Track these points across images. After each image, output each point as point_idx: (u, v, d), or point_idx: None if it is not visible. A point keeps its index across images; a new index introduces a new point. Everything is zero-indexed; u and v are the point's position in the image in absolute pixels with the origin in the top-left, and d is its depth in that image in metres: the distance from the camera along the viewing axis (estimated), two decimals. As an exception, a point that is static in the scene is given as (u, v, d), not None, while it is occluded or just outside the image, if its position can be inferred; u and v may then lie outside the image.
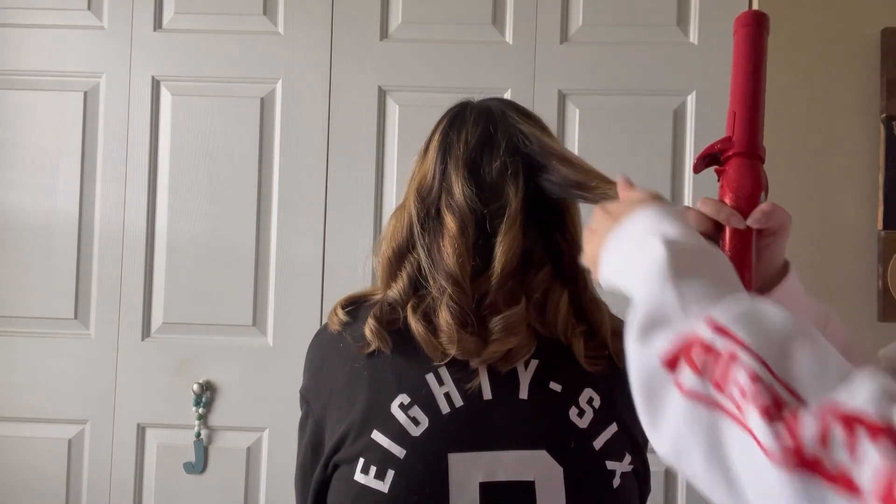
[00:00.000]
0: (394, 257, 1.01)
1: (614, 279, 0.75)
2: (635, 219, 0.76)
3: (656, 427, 0.63)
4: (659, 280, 0.67)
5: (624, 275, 0.73)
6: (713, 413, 0.58)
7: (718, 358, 0.60)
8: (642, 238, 0.73)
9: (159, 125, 1.93)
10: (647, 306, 0.67)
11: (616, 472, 0.96)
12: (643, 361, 0.64)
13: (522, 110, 1.07)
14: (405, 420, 0.93)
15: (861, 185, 1.78)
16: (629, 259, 0.73)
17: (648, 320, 0.66)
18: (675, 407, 0.61)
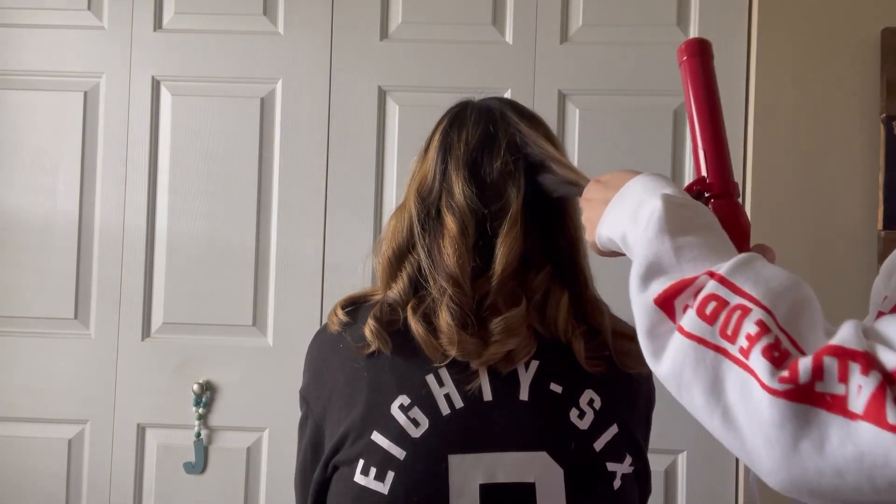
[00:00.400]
0: (394, 258, 1.01)
1: (612, 234, 0.81)
2: (634, 183, 0.81)
3: (658, 362, 0.69)
4: (656, 231, 0.73)
5: (622, 230, 0.78)
6: (717, 356, 0.64)
7: (724, 306, 0.66)
8: (641, 197, 0.78)
9: (159, 125, 1.92)
10: (645, 255, 0.73)
11: (617, 473, 0.96)
12: (643, 304, 0.71)
13: (522, 110, 1.07)
14: (405, 421, 0.93)
15: (861, 185, 1.78)
16: (628, 216, 0.78)
17: (646, 268, 0.72)
18: (677, 346, 0.67)
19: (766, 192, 1.79)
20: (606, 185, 0.86)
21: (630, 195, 0.80)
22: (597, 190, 0.87)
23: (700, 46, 0.91)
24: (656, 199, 0.76)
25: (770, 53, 1.80)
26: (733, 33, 1.84)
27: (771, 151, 1.80)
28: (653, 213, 0.74)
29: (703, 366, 0.65)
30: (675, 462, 1.83)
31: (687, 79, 0.91)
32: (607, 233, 0.82)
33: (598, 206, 0.85)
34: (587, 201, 0.88)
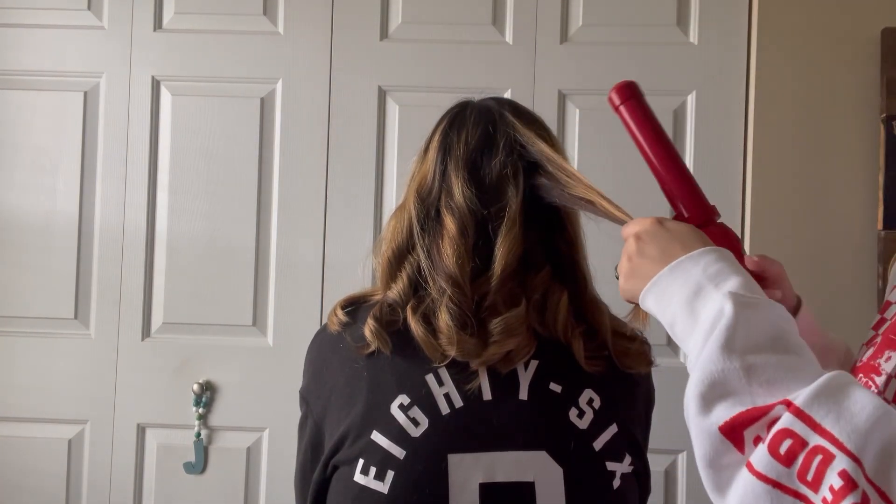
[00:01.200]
0: (393, 258, 1.01)
1: (657, 312, 0.76)
2: (694, 261, 0.76)
3: (722, 497, 0.64)
4: (722, 345, 0.66)
5: (671, 315, 0.74)
6: (797, 502, 0.58)
7: (802, 447, 0.59)
8: (701, 283, 0.73)
9: (159, 125, 1.92)
10: (708, 372, 0.66)
11: (616, 472, 0.96)
12: (704, 429, 0.65)
13: (521, 110, 1.07)
14: (405, 421, 0.93)
15: (861, 185, 1.78)
16: (683, 302, 0.73)
17: (709, 388, 0.65)
18: (747, 485, 0.61)
19: (766, 193, 1.79)
20: (659, 240, 0.80)
21: (687, 275, 0.75)
22: (651, 238, 0.80)
23: (630, 90, 0.91)
24: (722, 297, 0.70)
25: (770, 53, 1.80)
26: (733, 33, 1.84)
27: (771, 151, 1.80)
28: (718, 317, 0.68)
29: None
30: (675, 462, 1.83)
31: (630, 124, 0.90)
32: (653, 307, 0.77)
33: (647, 261, 0.79)
34: (635, 258, 0.81)
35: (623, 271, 0.83)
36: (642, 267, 0.80)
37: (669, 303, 0.75)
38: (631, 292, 0.82)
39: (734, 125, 1.84)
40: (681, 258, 0.76)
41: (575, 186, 0.96)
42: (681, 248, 0.78)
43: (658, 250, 0.79)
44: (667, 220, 0.82)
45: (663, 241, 0.80)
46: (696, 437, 0.66)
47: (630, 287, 0.81)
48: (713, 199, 0.97)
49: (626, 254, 0.82)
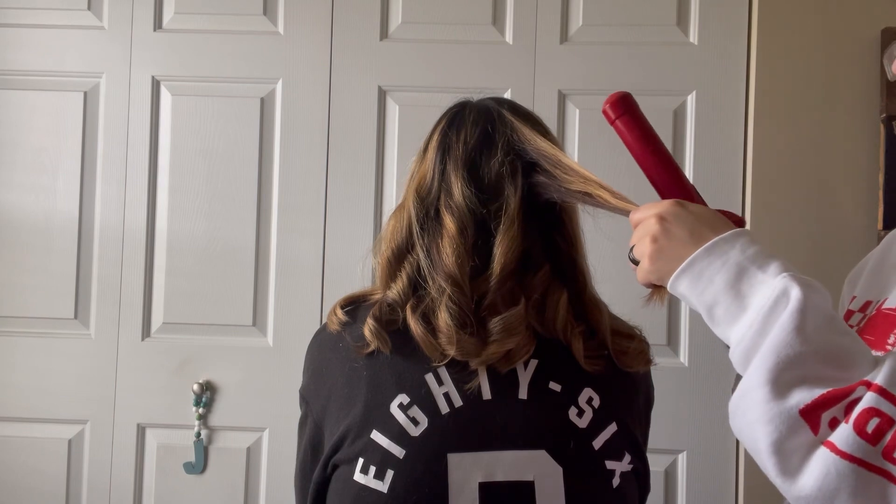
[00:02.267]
0: (393, 258, 1.01)
1: (693, 295, 0.74)
2: (728, 242, 0.74)
3: (793, 479, 0.63)
4: (792, 329, 0.65)
5: (711, 297, 0.72)
6: (885, 482, 0.58)
7: (891, 425, 0.59)
8: (743, 265, 0.71)
9: (159, 125, 1.93)
10: (783, 357, 0.65)
11: (616, 471, 0.96)
12: (779, 412, 0.63)
13: (519, 109, 1.07)
14: (404, 420, 0.93)
15: (861, 185, 1.78)
16: (724, 285, 0.71)
17: (781, 372, 0.64)
18: (828, 465, 0.60)
19: (766, 192, 1.79)
20: (686, 222, 0.78)
21: (725, 257, 0.73)
22: (676, 220, 0.78)
23: (625, 103, 0.90)
24: (783, 280, 0.68)
25: (770, 53, 1.80)
26: (733, 33, 1.84)
27: (771, 151, 1.80)
28: (780, 300, 0.67)
29: (869, 492, 0.59)
30: (675, 462, 1.83)
31: (628, 139, 0.90)
32: (687, 289, 0.75)
33: (677, 242, 0.77)
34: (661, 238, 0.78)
35: (647, 253, 0.79)
36: (671, 248, 0.77)
37: (708, 285, 0.73)
38: (658, 274, 0.79)
39: (734, 125, 1.84)
40: (715, 239, 0.74)
41: (571, 181, 0.96)
42: (710, 230, 0.76)
43: (686, 232, 0.77)
44: (688, 203, 0.81)
45: (690, 222, 0.78)
46: (765, 422, 0.64)
47: (657, 269, 0.78)
48: (714, 200, 0.97)
49: (649, 235, 0.79)
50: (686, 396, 1.76)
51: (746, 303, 0.70)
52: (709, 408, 1.79)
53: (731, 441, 1.80)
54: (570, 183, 0.96)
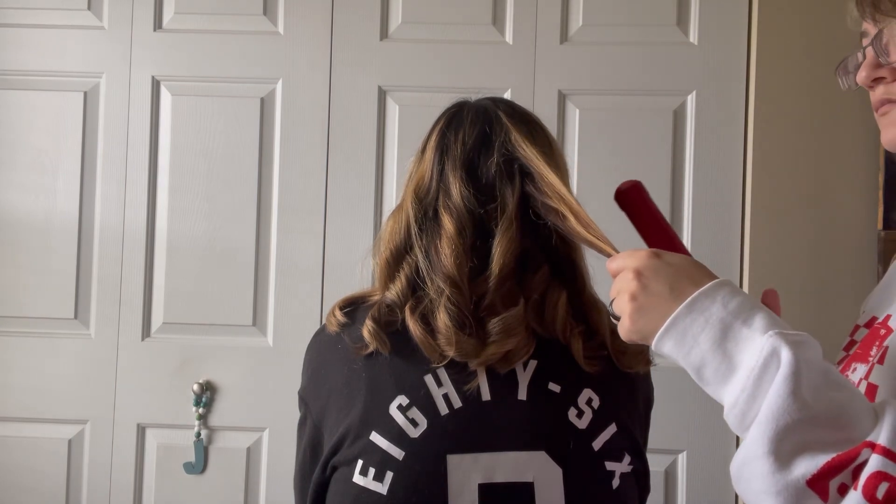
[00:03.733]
0: (392, 258, 1.01)
1: (679, 356, 0.71)
2: (710, 295, 0.71)
3: None
4: (791, 392, 0.63)
5: (699, 358, 0.69)
6: None
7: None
8: (727, 322, 0.69)
9: (159, 125, 1.92)
10: (781, 426, 0.62)
11: (615, 472, 0.96)
12: (784, 485, 0.62)
13: (516, 111, 1.06)
14: (404, 421, 0.93)
15: (861, 185, 1.78)
16: (710, 345, 0.69)
17: (785, 442, 0.62)
18: None
19: (766, 193, 1.79)
20: (664, 275, 0.74)
21: (708, 313, 0.70)
22: (654, 274, 0.74)
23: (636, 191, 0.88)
24: (770, 339, 0.65)
25: (770, 53, 1.80)
26: (733, 33, 1.84)
27: (771, 151, 1.80)
28: (771, 362, 0.64)
29: None
30: (675, 462, 1.83)
31: (639, 222, 0.88)
32: (672, 350, 0.72)
33: (656, 299, 0.73)
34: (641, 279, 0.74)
35: (626, 311, 0.75)
36: (651, 306, 0.73)
37: (694, 345, 0.70)
38: (641, 333, 0.75)
39: (734, 125, 1.83)
40: (695, 294, 0.71)
41: (549, 199, 0.95)
42: (690, 283, 0.72)
43: (665, 286, 0.73)
44: (663, 253, 0.77)
45: (668, 275, 0.74)
46: (773, 494, 0.62)
47: (640, 328, 0.74)
48: (714, 200, 0.97)
49: (627, 292, 0.75)
50: (686, 396, 1.76)
51: (735, 363, 0.67)
52: (709, 408, 1.78)
53: (731, 441, 1.80)
54: (546, 198, 0.96)
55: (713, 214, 1.82)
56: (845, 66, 0.87)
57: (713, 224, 1.83)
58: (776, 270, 1.77)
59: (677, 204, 1.83)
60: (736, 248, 1.82)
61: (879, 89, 0.81)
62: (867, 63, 0.81)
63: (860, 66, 0.82)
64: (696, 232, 1.82)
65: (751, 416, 0.66)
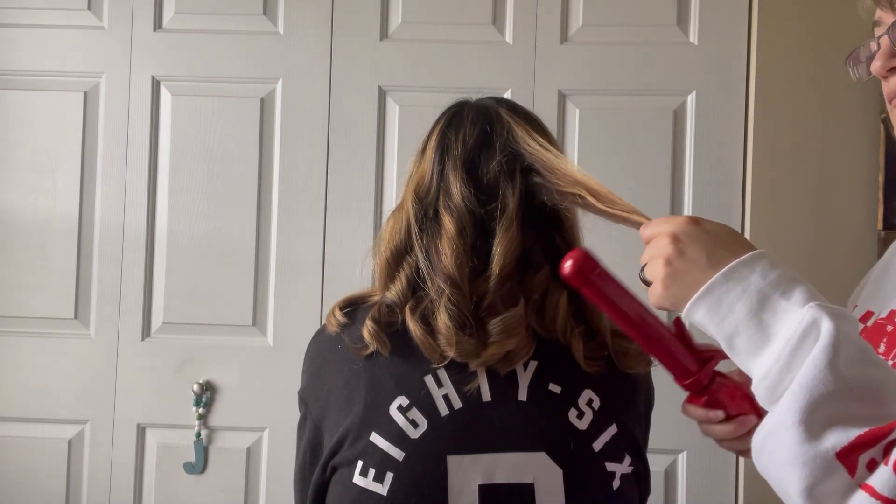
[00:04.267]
0: (392, 259, 1.01)
1: (711, 324, 0.70)
2: (749, 265, 0.69)
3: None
4: (829, 364, 0.62)
5: (732, 327, 0.68)
6: None
7: None
8: (765, 292, 0.67)
9: (159, 125, 1.92)
10: (816, 396, 0.61)
11: (616, 473, 0.96)
12: (812, 456, 0.60)
13: (518, 109, 1.06)
14: (404, 422, 0.93)
15: (861, 185, 1.78)
16: (746, 314, 0.67)
17: (818, 413, 0.61)
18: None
19: (766, 193, 1.79)
20: (702, 242, 0.72)
21: (746, 283, 0.69)
22: (691, 240, 0.73)
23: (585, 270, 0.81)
24: (811, 311, 0.64)
25: (770, 53, 1.80)
26: (733, 33, 1.84)
27: (771, 151, 1.80)
28: (809, 333, 0.63)
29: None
30: (675, 462, 1.83)
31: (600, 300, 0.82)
32: (704, 318, 0.70)
33: (693, 265, 0.71)
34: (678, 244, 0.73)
35: (660, 277, 0.74)
36: (686, 272, 0.72)
37: (728, 314, 0.68)
38: (673, 300, 0.73)
39: (734, 125, 1.84)
40: (733, 263, 0.69)
41: (561, 185, 0.95)
42: (727, 252, 0.71)
43: (702, 253, 0.72)
44: (702, 220, 0.75)
45: (706, 243, 0.72)
46: (799, 465, 0.61)
47: (671, 294, 0.73)
48: (714, 200, 0.96)
49: (662, 257, 0.74)
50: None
51: (770, 333, 0.66)
52: (709, 408, 1.78)
53: (731, 441, 1.80)
54: (561, 186, 0.95)
55: (713, 214, 1.81)
56: (856, 55, 0.85)
57: (713, 224, 1.82)
58: (776, 270, 1.77)
59: (677, 204, 1.83)
60: (736, 248, 1.82)
61: (894, 79, 0.79)
62: (882, 52, 0.79)
63: (873, 56, 0.80)
64: (696, 232, 1.82)
65: (783, 386, 0.64)
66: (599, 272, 0.82)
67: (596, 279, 0.82)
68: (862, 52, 0.84)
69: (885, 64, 0.78)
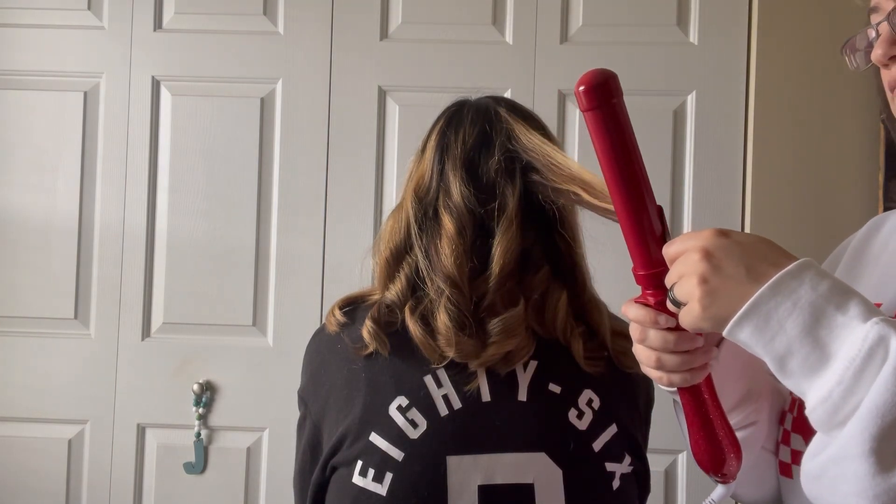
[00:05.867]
0: (391, 258, 1.01)
1: (762, 345, 0.63)
2: (797, 277, 0.63)
3: None
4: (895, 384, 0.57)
5: (784, 346, 0.62)
6: None
7: None
8: (821, 308, 0.61)
9: (159, 125, 1.92)
10: (884, 419, 0.57)
11: (616, 473, 0.96)
12: (885, 488, 0.56)
13: (517, 108, 1.06)
14: (403, 422, 0.93)
15: (861, 185, 1.77)
16: (803, 332, 0.61)
17: (887, 438, 0.56)
18: None
19: (766, 193, 1.79)
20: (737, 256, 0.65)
21: (795, 296, 0.62)
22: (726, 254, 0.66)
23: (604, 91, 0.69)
24: (874, 328, 0.59)
25: (770, 53, 1.80)
26: (733, 33, 1.84)
27: (771, 151, 1.80)
28: (876, 351, 0.58)
29: None
30: (675, 462, 1.83)
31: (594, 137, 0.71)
32: (751, 337, 0.63)
33: (732, 281, 0.64)
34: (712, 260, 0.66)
35: (696, 296, 0.66)
36: (726, 289, 0.65)
37: (778, 332, 0.62)
38: (715, 320, 0.66)
39: (734, 125, 1.83)
40: (779, 275, 0.63)
41: (558, 181, 0.94)
42: (768, 264, 0.64)
43: (741, 267, 0.65)
44: (731, 231, 0.68)
45: (742, 256, 0.65)
46: (866, 499, 0.57)
47: (713, 314, 0.65)
48: (714, 200, 0.96)
49: (696, 275, 0.66)
50: (686, 396, 1.76)
51: (829, 352, 0.60)
52: (709, 408, 1.78)
53: (731, 441, 1.80)
54: (556, 182, 0.95)
55: (713, 214, 1.82)
56: (853, 44, 0.81)
57: (713, 223, 1.82)
58: (776, 270, 1.77)
59: (677, 204, 1.83)
60: (736, 248, 1.82)
61: (895, 67, 0.76)
62: (883, 40, 0.75)
63: (872, 44, 0.76)
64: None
65: (845, 411, 0.59)
66: (620, 103, 0.71)
67: (615, 107, 0.71)
68: (859, 41, 0.81)
69: (887, 52, 0.75)
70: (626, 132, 0.72)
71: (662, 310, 0.73)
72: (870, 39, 0.78)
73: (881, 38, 0.75)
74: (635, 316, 0.74)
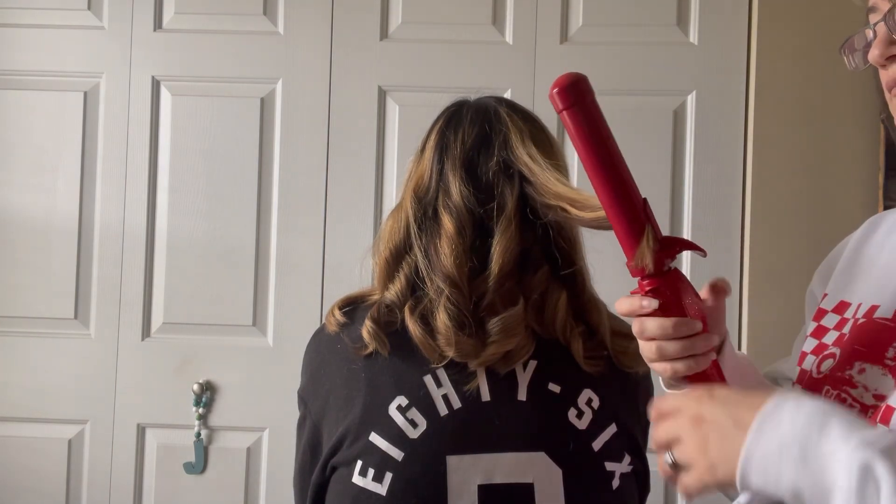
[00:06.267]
0: (391, 258, 1.01)
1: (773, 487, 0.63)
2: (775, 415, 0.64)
3: None
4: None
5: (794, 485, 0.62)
6: None
7: None
8: (807, 433, 0.62)
9: (159, 125, 1.92)
10: None
11: (615, 473, 0.96)
12: None
13: (517, 109, 1.06)
14: (403, 422, 0.93)
15: (861, 185, 1.77)
16: (798, 465, 0.61)
17: None
18: None
19: (766, 192, 1.79)
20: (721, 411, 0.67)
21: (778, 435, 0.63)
22: (711, 413, 0.68)
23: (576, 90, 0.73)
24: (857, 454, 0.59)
25: (770, 53, 1.80)
26: (733, 33, 1.84)
27: (771, 151, 1.80)
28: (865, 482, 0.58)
29: None
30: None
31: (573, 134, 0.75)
32: (760, 485, 0.64)
33: (726, 438, 0.66)
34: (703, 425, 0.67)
35: (701, 466, 0.68)
36: (723, 451, 0.66)
37: (778, 476, 0.63)
38: (723, 477, 0.66)
39: (734, 125, 1.83)
40: (757, 421, 0.64)
41: (546, 198, 0.95)
42: (748, 409, 0.66)
43: (730, 420, 0.66)
44: (709, 389, 0.71)
45: (725, 409, 0.67)
46: None
47: (721, 474, 0.66)
48: (714, 200, 0.96)
49: (692, 440, 0.68)
50: (686, 396, 1.76)
51: (827, 485, 0.61)
52: (709, 408, 1.78)
53: (731, 441, 1.80)
54: (545, 199, 0.95)
55: (713, 214, 1.82)
56: (851, 44, 0.81)
57: (713, 224, 1.83)
58: (776, 270, 1.77)
59: (677, 204, 1.83)
60: (736, 248, 1.82)
61: (893, 67, 0.76)
62: (880, 40, 0.75)
63: (870, 44, 0.77)
64: (696, 232, 1.82)
65: None
66: (593, 100, 0.74)
67: (589, 104, 0.74)
68: (857, 41, 0.81)
69: (884, 52, 0.75)
70: (603, 127, 0.76)
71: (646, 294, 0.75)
72: (868, 40, 0.78)
73: (878, 38, 0.76)
74: (622, 307, 0.77)
